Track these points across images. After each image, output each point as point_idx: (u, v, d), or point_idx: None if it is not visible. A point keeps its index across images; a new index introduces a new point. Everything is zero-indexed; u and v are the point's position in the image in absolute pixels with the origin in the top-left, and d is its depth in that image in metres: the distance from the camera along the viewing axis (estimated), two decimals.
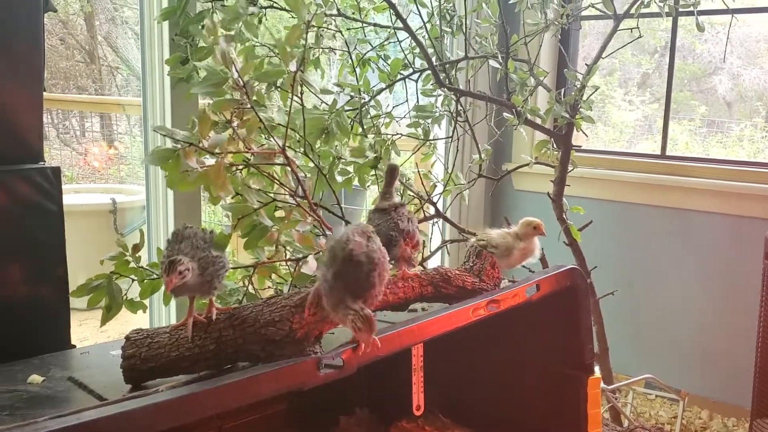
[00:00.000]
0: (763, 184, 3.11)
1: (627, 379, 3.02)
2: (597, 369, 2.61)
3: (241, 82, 1.46)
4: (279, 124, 1.68)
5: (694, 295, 3.31)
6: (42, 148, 1.75)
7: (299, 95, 1.66)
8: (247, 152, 1.50)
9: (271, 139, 1.58)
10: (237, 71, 1.45)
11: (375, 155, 2.08)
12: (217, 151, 1.40)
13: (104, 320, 1.55)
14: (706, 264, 3.27)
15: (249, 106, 1.48)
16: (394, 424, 1.91)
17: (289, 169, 1.63)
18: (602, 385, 2.33)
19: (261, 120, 1.52)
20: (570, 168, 2.63)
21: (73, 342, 1.78)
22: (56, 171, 1.72)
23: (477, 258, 1.75)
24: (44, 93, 1.78)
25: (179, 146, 1.37)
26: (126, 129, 7.20)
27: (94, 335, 3.87)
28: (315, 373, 1.19)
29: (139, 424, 0.97)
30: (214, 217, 4.95)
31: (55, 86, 7.21)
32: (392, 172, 1.70)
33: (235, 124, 1.47)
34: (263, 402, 1.71)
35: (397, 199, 1.69)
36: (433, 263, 2.75)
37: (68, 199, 2.14)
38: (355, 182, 2.15)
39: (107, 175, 6.91)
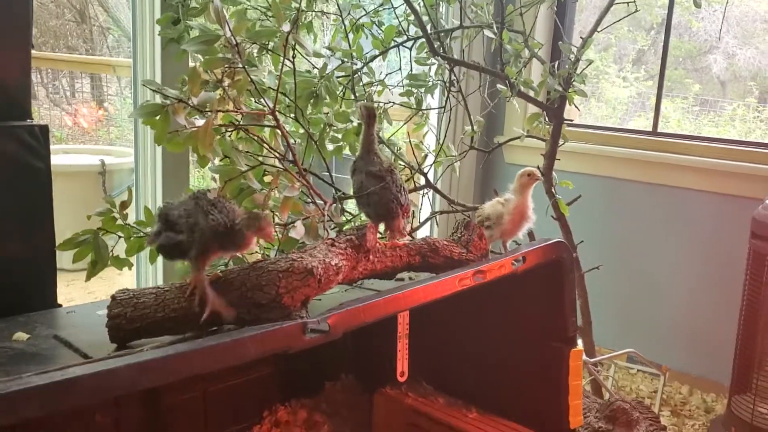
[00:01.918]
0: (752, 164, 3.12)
1: (610, 353, 3.06)
2: (580, 342, 2.65)
3: (234, 41, 1.44)
4: (269, 87, 1.66)
5: (680, 272, 3.34)
6: (30, 105, 1.73)
7: (291, 59, 1.64)
8: (237, 112, 1.49)
9: (262, 101, 1.56)
10: (230, 29, 1.43)
11: (360, 122, 2.06)
12: (206, 109, 1.39)
13: (89, 275, 1.56)
14: (692, 241, 3.30)
15: (240, 65, 1.46)
16: (378, 390, 1.93)
17: (278, 133, 1.62)
18: (584, 357, 2.36)
19: (252, 81, 1.50)
20: (561, 142, 2.63)
21: (59, 302, 1.78)
22: (44, 129, 1.70)
23: (465, 229, 1.75)
24: (33, 51, 1.75)
25: (168, 102, 1.36)
26: (116, 90, 7.11)
27: (82, 296, 3.87)
28: (301, 337, 1.19)
29: (123, 383, 0.97)
30: (202, 181, 4.93)
31: (45, 45, 7.09)
32: (369, 113, 1.60)
33: (226, 83, 1.46)
34: (248, 365, 1.73)
35: (384, 158, 1.65)
36: (421, 234, 2.75)
37: (57, 160, 2.12)
38: (346, 151, 2.13)
39: (97, 137, 6.84)
